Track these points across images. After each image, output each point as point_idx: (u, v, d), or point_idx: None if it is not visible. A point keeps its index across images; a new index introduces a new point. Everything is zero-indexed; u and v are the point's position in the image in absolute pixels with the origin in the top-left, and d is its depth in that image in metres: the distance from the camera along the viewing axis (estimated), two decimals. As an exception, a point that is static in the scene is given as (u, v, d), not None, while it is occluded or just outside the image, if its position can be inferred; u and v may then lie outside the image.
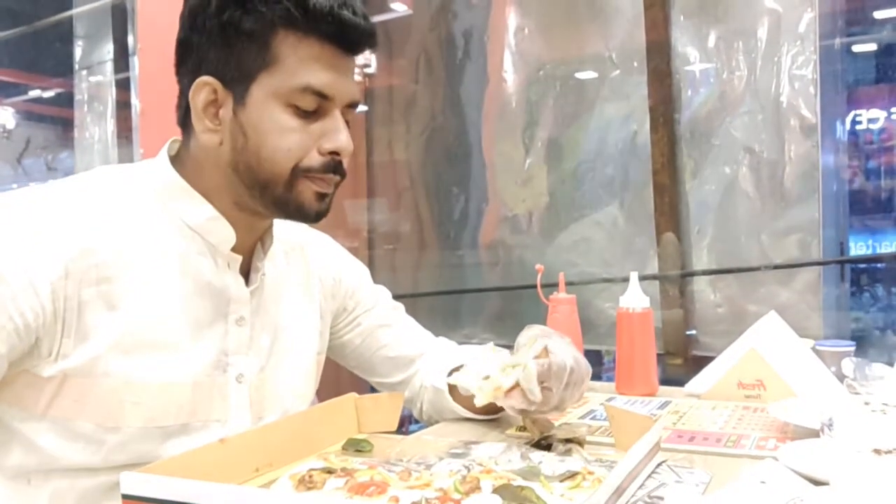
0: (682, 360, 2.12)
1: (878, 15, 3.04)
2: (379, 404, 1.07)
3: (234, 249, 0.97)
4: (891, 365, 1.28)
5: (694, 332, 2.23)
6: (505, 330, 2.58)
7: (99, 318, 0.86)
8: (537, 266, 1.49)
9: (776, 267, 2.07)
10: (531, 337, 1.02)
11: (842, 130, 2.48)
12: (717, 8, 2.24)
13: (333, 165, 0.93)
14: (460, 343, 1.32)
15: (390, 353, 1.24)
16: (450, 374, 1.15)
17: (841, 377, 1.29)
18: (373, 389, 1.27)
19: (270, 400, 1.02)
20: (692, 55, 2.28)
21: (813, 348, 1.37)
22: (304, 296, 1.12)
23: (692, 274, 2.20)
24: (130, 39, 3.46)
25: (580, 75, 2.53)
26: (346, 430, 1.03)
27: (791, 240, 2.11)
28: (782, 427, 1.09)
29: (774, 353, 1.33)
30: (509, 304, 2.61)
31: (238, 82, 0.90)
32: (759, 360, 1.33)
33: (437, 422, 1.21)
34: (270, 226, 1.03)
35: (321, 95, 0.90)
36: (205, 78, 0.90)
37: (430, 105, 2.89)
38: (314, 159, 0.91)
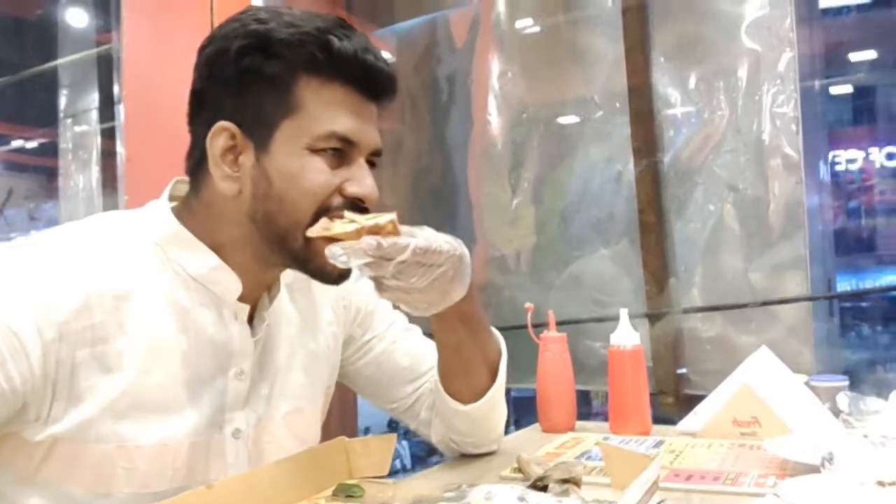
0: (673, 398, 2.10)
1: (854, 57, 3.11)
2: (369, 448, 1.04)
3: (240, 299, 0.94)
4: (884, 399, 1.27)
5: (685, 370, 2.22)
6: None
7: (93, 381, 0.83)
8: (527, 305, 1.48)
9: (764, 303, 2.07)
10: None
11: (824, 169, 2.51)
12: (696, 49, 2.28)
13: (358, 210, 0.90)
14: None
15: (403, 364, 1.19)
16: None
17: (836, 412, 1.28)
18: (366, 432, 1.24)
19: (270, 451, 0.98)
20: (673, 96, 2.31)
21: (806, 383, 1.36)
22: (309, 331, 1.08)
23: (682, 311, 2.20)
24: (116, 88, 3.48)
25: (563, 118, 2.56)
26: (335, 475, 1.00)
27: (779, 276, 2.11)
28: (781, 464, 1.07)
29: (768, 389, 1.32)
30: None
31: (259, 129, 0.88)
32: (753, 396, 1.32)
33: (450, 439, 1.17)
34: (278, 277, 1.00)
35: (346, 141, 0.89)
36: (223, 123, 0.88)
37: (415, 148, 2.90)
38: (336, 200, 0.89)
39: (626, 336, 1.43)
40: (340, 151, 0.89)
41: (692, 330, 2.23)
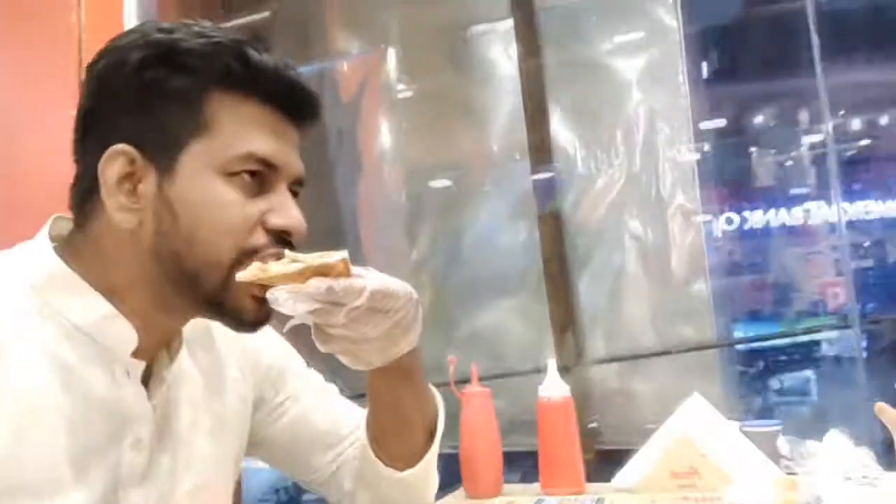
0: (591, 454, 2.03)
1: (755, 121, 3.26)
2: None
3: (134, 354, 0.78)
4: (818, 441, 1.26)
5: (595, 423, 2.17)
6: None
7: None
8: (449, 358, 1.38)
9: (672, 352, 2.07)
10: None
11: (721, 220, 2.59)
12: (593, 102, 2.31)
13: (283, 245, 0.77)
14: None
15: (322, 427, 1.03)
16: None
17: (774, 457, 1.25)
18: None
19: None
20: (572, 148, 2.32)
21: (739, 429, 1.32)
22: (214, 393, 0.91)
23: (597, 363, 2.16)
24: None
25: (461, 171, 2.51)
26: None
27: (684, 324, 2.12)
28: (738, 515, 1.01)
29: (705, 438, 1.28)
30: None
31: (162, 152, 0.74)
32: (690, 446, 1.27)
33: None
34: (180, 330, 0.84)
35: (267, 165, 0.76)
36: (120, 146, 0.74)
37: (301, 202, 2.77)
38: (259, 238, 0.76)
39: (555, 387, 1.35)
40: (259, 177, 0.77)
41: (601, 381, 2.20)
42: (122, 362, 0.77)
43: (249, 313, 0.76)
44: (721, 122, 3.14)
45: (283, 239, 0.77)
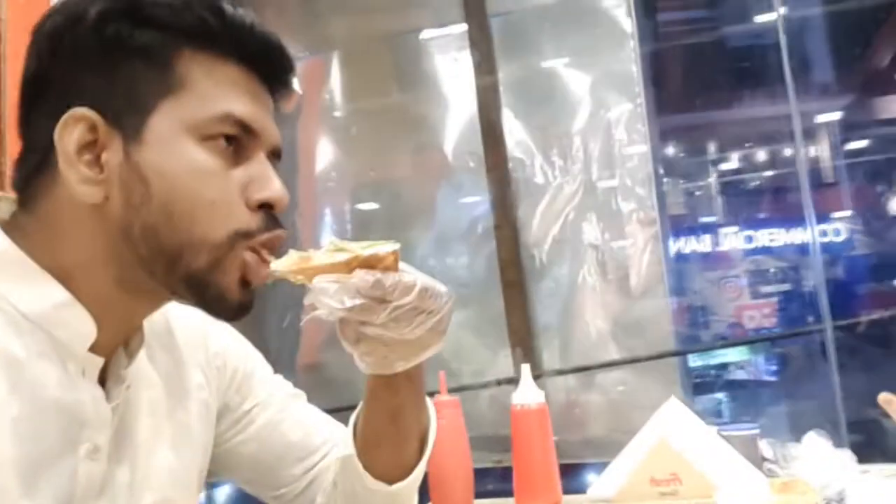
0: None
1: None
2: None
3: (92, 349, 0.69)
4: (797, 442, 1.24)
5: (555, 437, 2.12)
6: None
7: None
8: (417, 366, 1.30)
9: (632, 361, 2.05)
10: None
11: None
12: (548, 108, 2.29)
13: (273, 224, 0.70)
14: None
15: (293, 438, 0.95)
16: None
17: (755, 460, 1.22)
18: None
19: None
20: (528, 155, 2.29)
21: (718, 434, 1.29)
22: (176, 399, 0.82)
23: (559, 373, 2.12)
24: None
25: (412, 181, 2.45)
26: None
27: (643, 333, 2.11)
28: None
29: (684, 443, 1.24)
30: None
31: (128, 116, 0.67)
32: (671, 451, 1.23)
33: None
34: (141, 326, 0.76)
35: (244, 129, 0.69)
36: (79, 111, 0.66)
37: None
38: (249, 220, 0.69)
39: (530, 394, 1.30)
40: (236, 143, 0.70)
41: (559, 392, 2.15)
42: (77, 358, 0.68)
43: (234, 298, 0.69)
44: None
45: (270, 216, 0.71)
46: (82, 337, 0.68)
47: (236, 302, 0.70)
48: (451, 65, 2.41)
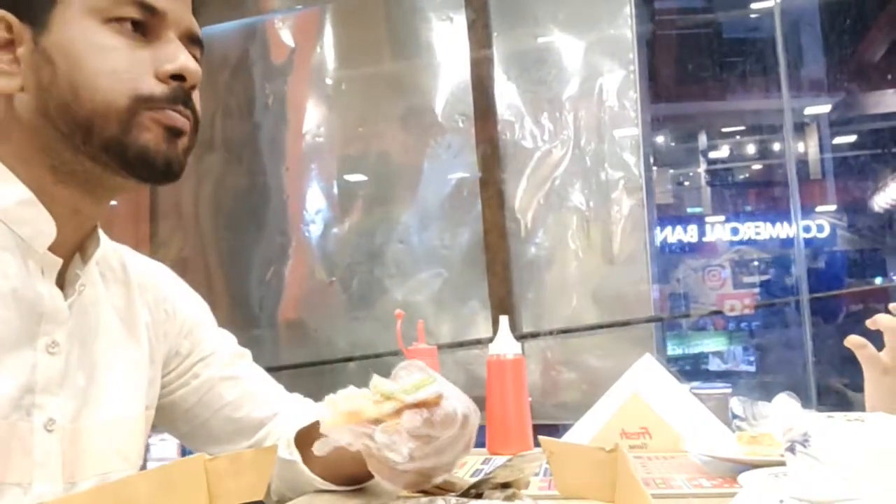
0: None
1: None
2: (241, 465, 0.79)
3: (50, 250, 0.71)
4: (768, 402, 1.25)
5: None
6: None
7: None
8: (397, 312, 1.32)
9: (611, 325, 2.06)
10: (420, 380, 0.74)
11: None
12: (541, 71, 2.28)
13: (182, 95, 0.71)
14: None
15: (234, 413, 0.94)
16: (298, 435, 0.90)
17: (726, 419, 1.23)
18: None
19: (88, 458, 0.74)
20: (518, 119, 2.28)
21: (690, 391, 1.31)
22: (127, 330, 0.83)
23: (533, 336, 2.12)
24: None
25: (401, 137, 2.44)
26: (192, 502, 0.75)
27: (622, 297, 2.11)
28: (699, 468, 0.99)
29: (657, 398, 1.25)
30: (331, 381, 2.35)
31: (36, 8, 0.69)
32: (643, 405, 1.24)
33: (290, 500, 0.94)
34: (96, 227, 0.78)
35: (148, 9, 0.70)
36: None
37: (223, 155, 2.63)
38: (153, 86, 0.70)
39: (507, 345, 1.30)
40: (142, 25, 0.71)
41: (537, 356, 2.16)
42: (37, 256, 0.70)
43: (159, 153, 0.71)
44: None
45: (180, 90, 0.72)
46: (43, 235, 0.70)
47: (163, 157, 0.71)
48: (446, 26, 2.39)
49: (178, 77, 0.71)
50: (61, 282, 0.74)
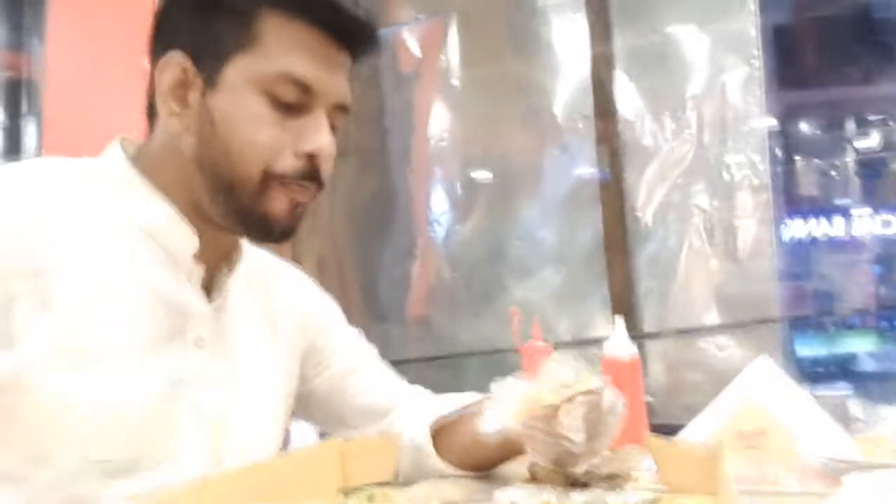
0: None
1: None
2: (371, 449, 0.90)
3: (195, 259, 0.82)
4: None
5: (651, 399, 2.14)
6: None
7: (30, 318, 0.69)
8: (513, 308, 1.38)
9: (731, 326, 2.03)
10: (584, 371, 0.84)
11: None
12: (663, 70, 2.27)
13: (310, 172, 0.80)
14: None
15: (362, 400, 1.05)
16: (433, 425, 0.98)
17: (845, 421, 1.22)
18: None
19: (233, 440, 0.84)
20: (639, 117, 2.29)
21: (809, 394, 1.30)
22: (269, 328, 0.95)
23: (653, 336, 2.13)
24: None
25: (522, 139, 2.50)
26: (328, 483, 0.85)
27: (747, 296, 2.08)
28: (813, 469, 1.00)
29: (773, 400, 1.25)
30: (452, 374, 2.45)
31: (210, 62, 0.78)
32: (758, 407, 1.24)
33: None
34: (238, 241, 0.89)
35: (303, 88, 0.78)
36: (174, 54, 0.78)
37: (356, 161, 2.78)
38: (288, 163, 0.78)
39: (623, 346, 1.33)
40: (296, 99, 0.79)
41: (659, 354, 2.17)
42: (183, 265, 0.81)
43: (278, 222, 0.79)
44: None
45: (310, 167, 0.79)
46: (187, 248, 0.80)
47: (281, 224, 0.80)
48: (566, 26, 2.42)
49: (312, 155, 0.79)
50: (209, 287, 0.85)
